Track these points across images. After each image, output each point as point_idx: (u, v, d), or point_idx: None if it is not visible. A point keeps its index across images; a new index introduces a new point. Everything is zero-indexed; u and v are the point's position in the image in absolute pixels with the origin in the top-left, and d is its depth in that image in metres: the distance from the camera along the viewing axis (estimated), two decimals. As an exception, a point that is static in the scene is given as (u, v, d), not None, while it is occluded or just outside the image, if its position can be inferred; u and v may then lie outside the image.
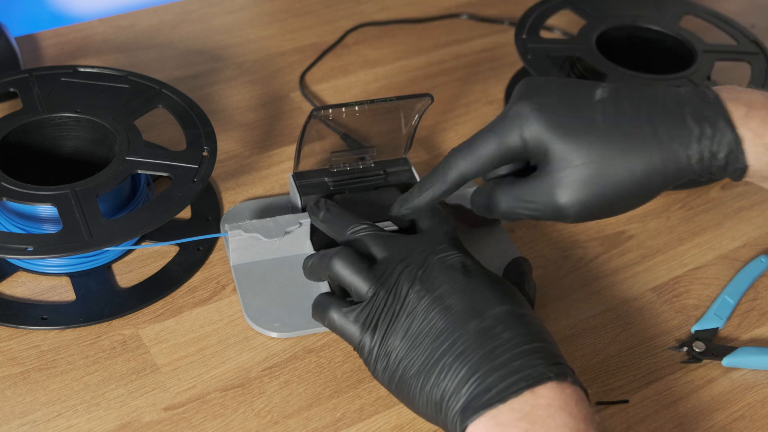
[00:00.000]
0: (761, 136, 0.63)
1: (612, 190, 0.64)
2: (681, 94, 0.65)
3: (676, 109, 0.64)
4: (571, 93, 0.66)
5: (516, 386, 0.58)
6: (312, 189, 0.78)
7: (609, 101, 0.65)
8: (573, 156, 0.64)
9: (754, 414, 0.71)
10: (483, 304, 0.63)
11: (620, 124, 0.64)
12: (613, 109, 0.64)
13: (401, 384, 0.63)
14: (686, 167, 0.64)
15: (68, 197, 0.71)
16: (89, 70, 0.84)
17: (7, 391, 0.67)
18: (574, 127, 0.64)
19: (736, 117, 0.63)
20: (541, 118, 0.64)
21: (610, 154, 0.63)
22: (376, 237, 0.69)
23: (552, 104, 0.65)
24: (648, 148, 0.63)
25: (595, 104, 0.65)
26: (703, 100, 0.64)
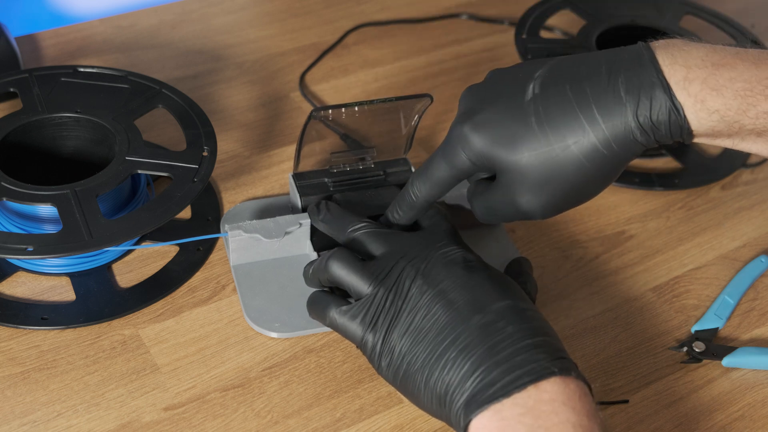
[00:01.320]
0: (703, 101, 0.60)
1: (567, 185, 0.64)
2: (615, 62, 0.62)
3: (609, 83, 0.62)
4: (505, 98, 0.65)
5: (520, 381, 0.58)
6: (312, 189, 0.78)
7: (540, 98, 0.63)
8: (519, 165, 0.64)
9: (754, 414, 0.71)
10: (485, 299, 0.63)
11: (553, 120, 0.63)
12: (544, 106, 0.63)
13: (405, 379, 0.63)
14: (631, 142, 0.62)
15: (68, 197, 0.71)
16: (89, 70, 0.84)
17: (7, 391, 0.67)
18: (512, 138, 0.64)
19: (674, 82, 0.61)
20: (480, 138, 0.65)
21: (552, 153, 0.63)
22: (377, 234, 0.69)
23: (488, 119, 0.65)
24: (586, 136, 0.62)
25: (527, 105, 0.64)
26: (638, 64, 0.61)
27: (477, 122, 0.65)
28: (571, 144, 0.62)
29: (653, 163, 0.91)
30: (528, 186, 0.64)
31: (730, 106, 0.60)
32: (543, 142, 0.63)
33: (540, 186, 0.64)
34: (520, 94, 0.64)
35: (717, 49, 0.61)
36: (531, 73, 0.65)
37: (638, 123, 0.61)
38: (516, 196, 0.65)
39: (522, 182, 0.64)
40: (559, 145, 0.63)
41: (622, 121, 0.62)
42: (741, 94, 0.60)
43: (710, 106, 0.60)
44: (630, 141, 0.62)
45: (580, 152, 0.63)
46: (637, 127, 0.62)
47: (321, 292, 0.69)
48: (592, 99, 0.62)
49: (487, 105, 0.65)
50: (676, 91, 0.61)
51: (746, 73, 0.60)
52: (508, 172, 0.65)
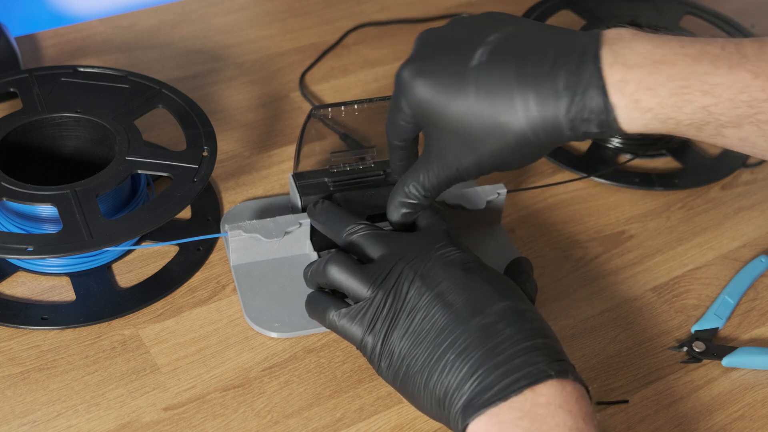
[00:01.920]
0: (637, 101, 0.61)
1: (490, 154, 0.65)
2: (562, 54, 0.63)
3: (551, 74, 0.62)
4: (452, 56, 0.65)
5: (517, 384, 0.58)
6: (312, 189, 0.78)
7: (484, 68, 0.64)
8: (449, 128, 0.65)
9: (754, 414, 0.71)
10: (484, 301, 0.63)
11: (491, 95, 0.63)
12: (486, 79, 0.63)
13: (405, 381, 0.63)
14: (558, 134, 0.63)
15: (68, 197, 0.71)
16: (89, 70, 0.84)
17: (7, 391, 0.67)
18: (447, 100, 0.64)
19: (611, 83, 0.61)
20: (419, 88, 0.65)
21: (484, 128, 0.64)
22: (375, 236, 0.69)
23: (431, 71, 0.65)
24: (517, 121, 0.63)
25: (470, 71, 0.64)
26: (582, 60, 0.62)
27: (418, 70, 0.66)
28: (501, 122, 0.63)
29: (653, 163, 0.91)
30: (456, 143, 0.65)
31: (665, 104, 0.60)
32: (477, 113, 0.64)
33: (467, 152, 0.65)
34: (467, 55, 0.65)
35: (663, 44, 0.61)
36: (485, 35, 0.65)
37: (569, 119, 0.62)
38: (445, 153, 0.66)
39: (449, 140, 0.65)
40: (490, 119, 0.63)
41: (554, 114, 0.62)
42: (677, 91, 0.60)
43: (644, 105, 0.61)
44: (558, 133, 0.63)
45: (509, 132, 0.63)
46: (567, 123, 0.62)
47: (320, 293, 0.69)
48: (531, 86, 0.62)
49: (435, 56, 0.66)
50: (612, 92, 0.61)
51: (685, 69, 0.60)
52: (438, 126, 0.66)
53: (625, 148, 0.91)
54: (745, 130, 0.61)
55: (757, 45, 0.60)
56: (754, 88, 0.59)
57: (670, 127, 0.62)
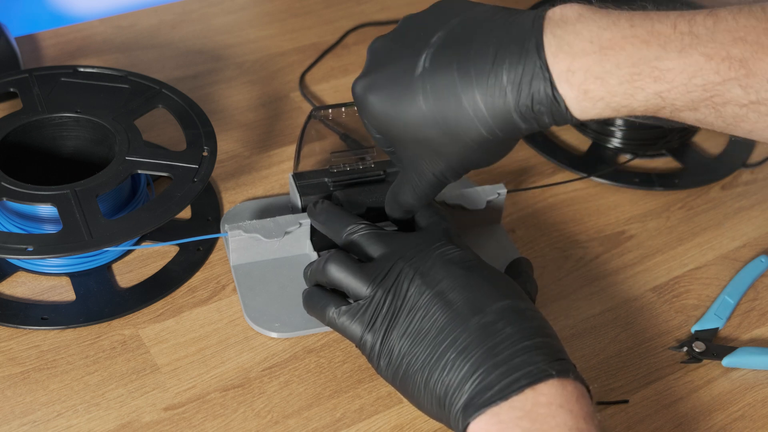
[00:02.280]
0: (586, 92, 0.58)
1: (460, 160, 0.64)
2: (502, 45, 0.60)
3: (493, 69, 0.60)
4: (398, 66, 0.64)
5: (517, 384, 0.58)
6: (312, 189, 0.78)
7: (428, 75, 0.62)
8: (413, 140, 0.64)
9: (754, 414, 0.71)
10: (484, 299, 0.63)
11: (439, 102, 0.62)
12: (431, 86, 0.62)
13: (405, 380, 0.63)
14: (514, 128, 0.61)
15: (68, 197, 0.71)
16: (89, 70, 0.84)
17: (7, 391, 0.67)
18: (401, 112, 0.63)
19: (557, 74, 0.58)
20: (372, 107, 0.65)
21: (442, 134, 0.63)
22: (375, 236, 0.69)
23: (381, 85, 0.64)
24: (471, 122, 0.61)
25: (416, 80, 0.63)
26: (524, 51, 0.59)
27: (369, 86, 0.65)
28: (456, 126, 0.62)
29: (653, 163, 0.91)
30: (424, 153, 0.65)
31: (616, 92, 0.58)
32: (431, 121, 0.63)
33: (434, 153, 0.64)
34: (413, 62, 0.63)
35: (610, 25, 0.58)
36: (429, 36, 0.63)
37: (520, 113, 0.60)
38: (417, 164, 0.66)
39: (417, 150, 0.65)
40: (444, 125, 0.62)
41: (505, 110, 0.60)
42: (627, 79, 0.57)
43: (594, 95, 0.58)
44: (513, 127, 0.61)
45: (466, 135, 0.62)
46: (519, 117, 0.60)
47: (319, 289, 0.69)
48: (476, 84, 0.61)
49: (384, 68, 0.65)
50: (558, 83, 0.58)
51: (635, 55, 0.57)
52: (401, 139, 0.65)
53: (625, 148, 0.91)
54: (701, 112, 0.58)
55: (710, 21, 0.57)
56: (707, 71, 0.56)
57: (624, 114, 0.59)
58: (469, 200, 0.79)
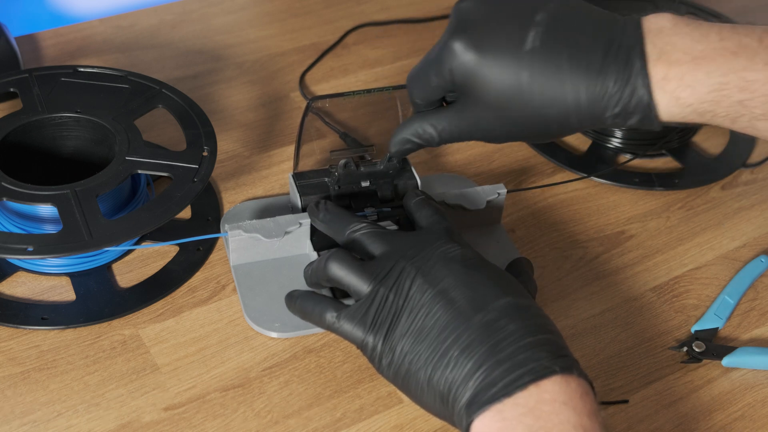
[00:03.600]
0: (677, 98, 0.64)
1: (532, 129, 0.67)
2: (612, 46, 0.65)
3: (601, 70, 0.65)
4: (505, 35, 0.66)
5: (521, 380, 0.58)
6: (312, 189, 0.78)
7: (538, 54, 0.65)
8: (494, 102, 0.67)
9: (754, 414, 0.71)
10: (487, 297, 0.63)
11: (544, 84, 0.65)
12: (540, 66, 0.65)
13: (407, 378, 0.63)
14: (600, 124, 0.66)
15: (68, 197, 0.71)
16: (89, 70, 0.84)
17: (7, 391, 0.67)
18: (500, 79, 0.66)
19: (655, 81, 0.64)
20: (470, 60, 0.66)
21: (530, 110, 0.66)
22: (376, 234, 0.69)
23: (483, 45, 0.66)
24: (566, 110, 0.65)
25: (524, 55, 0.65)
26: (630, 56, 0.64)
27: (473, 45, 0.67)
28: (550, 109, 0.66)
29: (653, 163, 0.91)
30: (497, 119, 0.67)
31: (704, 99, 0.63)
32: (527, 99, 0.66)
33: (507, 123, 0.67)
34: (520, 36, 0.66)
35: (702, 38, 0.64)
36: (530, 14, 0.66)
37: (614, 113, 0.65)
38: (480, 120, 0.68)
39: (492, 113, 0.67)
40: (540, 107, 0.66)
41: (603, 106, 0.65)
42: (716, 88, 0.63)
43: (684, 102, 0.64)
44: (599, 123, 0.66)
45: (555, 117, 0.66)
46: (612, 116, 0.65)
47: (309, 296, 0.68)
48: (584, 77, 0.65)
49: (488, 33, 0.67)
50: (655, 90, 0.64)
51: (724, 66, 0.63)
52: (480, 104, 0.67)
53: (625, 148, 0.91)
54: None
55: None
56: None
57: (706, 119, 0.64)
58: (469, 200, 0.79)
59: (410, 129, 0.72)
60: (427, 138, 0.71)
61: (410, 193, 0.75)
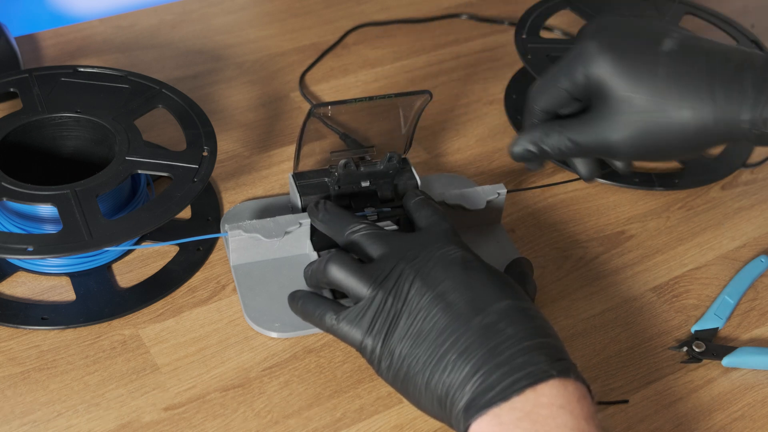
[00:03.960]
0: None
1: (663, 139, 0.68)
2: (746, 59, 0.66)
3: (737, 73, 0.66)
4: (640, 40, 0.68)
5: (518, 384, 0.58)
6: (312, 189, 0.78)
7: (675, 54, 0.67)
8: (630, 101, 0.67)
9: (754, 414, 0.71)
10: (485, 300, 0.63)
11: (680, 79, 0.66)
12: (676, 63, 0.66)
13: (406, 382, 0.63)
14: (737, 130, 0.66)
15: (68, 197, 0.71)
16: (89, 70, 0.84)
17: (7, 391, 0.67)
18: (637, 75, 0.67)
19: None
20: (606, 60, 0.68)
21: (666, 106, 0.67)
22: (376, 236, 0.69)
23: (619, 47, 0.68)
24: (702, 107, 0.66)
25: (660, 55, 0.67)
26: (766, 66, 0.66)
27: (609, 45, 0.68)
28: (687, 108, 0.66)
29: (653, 163, 0.91)
30: (628, 122, 0.68)
31: None
32: (664, 92, 0.66)
33: (639, 129, 0.68)
34: (656, 41, 0.67)
35: None
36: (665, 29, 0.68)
37: (751, 116, 0.66)
38: (612, 127, 0.69)
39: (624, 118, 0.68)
40: (676, 102, 0.66)
41: (738, 109, 0.66)
42: None
43: None
44: (736, 129, 0.67)
45: (692, 118, 0.66)
46: (749, 120, 0.66)
47: (311, 297, 0.68)
48: (719, 81, 0.66)
49: (624, 37, 0.68)
50: None
51: None
52: (614, 104, 0.68)
53: (625, 148, 0.91)
54: None
55: None
56: None
57: None
58: (469, 200, 0.79)
59: (532, 136, 0.73)
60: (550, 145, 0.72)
61: (410, 193, 0.75)
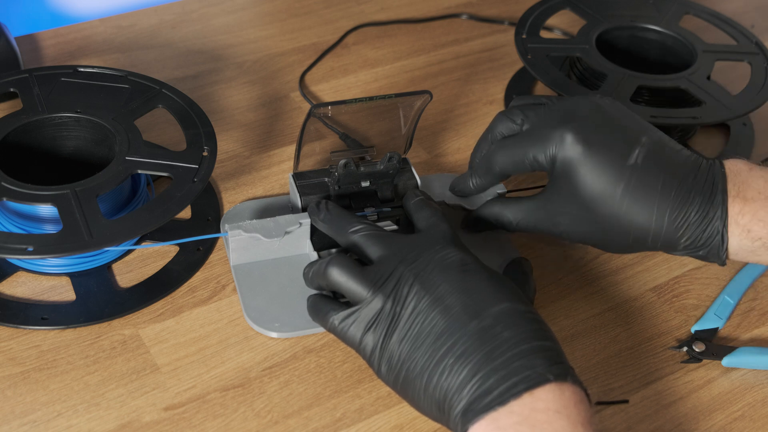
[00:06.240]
0: (749, 231, 0.69)
1: (605, 238, 0.72)
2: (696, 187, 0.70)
3: (686, 202, 0.69)
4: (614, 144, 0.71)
5: (515, 388, 0.58)
6: (312, 189, 0.78)
7: (638, 172, 0.70)
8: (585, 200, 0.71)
9: (754, 414, 0.71)
10: (482, 303, 0.63)
11: (636, 200, 0.70)
12: (636, 183, 0.70)
13: (405, 385, 0.63)
14: (673, 248, 0.71)
15: (68, 197, 0.71)
16: (89, 70, 0.84)
17: (7, 391, 0.67)
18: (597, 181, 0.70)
19: (731, 215, 0.69)
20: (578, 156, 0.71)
21: (616, 216, 0.70)
22: (376, 237, 0.69)
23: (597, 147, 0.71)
24: (648, 228, 0.70)
25: (626, 168, 0.70)
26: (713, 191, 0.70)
27: (586, 139, 0.71)
28: (633, 223, 0.70)
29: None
30: (575, 218, 0.72)
31: None
32: (617, 204, 0.70)
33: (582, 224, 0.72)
34: (625, 150, 0.71)
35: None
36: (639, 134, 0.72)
37: (688, 242, 0.70)
38: (558, 214, 0.72)
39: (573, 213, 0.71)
40: (626, 214, 0.70)
41: (678, 234, 0.70)
42: None
43: (755, 234, 0.69)
44: (671, 246, 0.71)
45: (633, 236, 0.71)
46: (684, 244, 0.70)
47: (320, 297, 0.69)
48: (671, 202, 0.70)
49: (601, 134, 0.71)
50: (730, 223, 0.69)
51: None
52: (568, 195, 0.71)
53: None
54: None
55: None
56: None
57: None
58: (468, 200, 0.79)
59: (491, 211, 0.76)
60: (504, 223, 0.76)
61: (410, 194, 0.75)
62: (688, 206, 0.69)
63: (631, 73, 0.89)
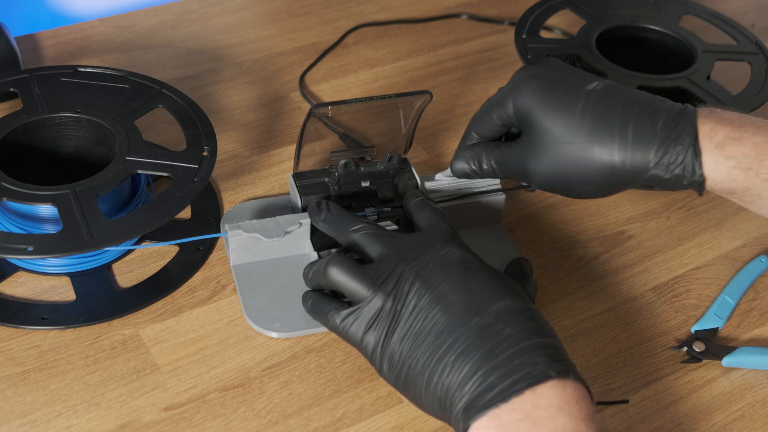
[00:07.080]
0: (722, 147, 0.67)
1: (573, 172, 0.70)
2: (662, 106, 0.69)
3: (651, 116, 0.68)
4: (567, 78, 0.72)
5: (517, 385, 0.58)
6: (312, 189, 0.78)
7: (597, 94, 0.70)
8: (548, 132, 0.70)
9: (754, 414, 0.71)
10: (483, 301, 0.63)
11: (596, 117, 0.69)
12: (595, 102, 0.69)
13: (407, 382, 0.63)
14: (644, 169, 0.68)
15: (68, 197, 0.71)
16: (89, 70, 0.84)
17: (7, 391, 0.67)
18: (556, 108, 0.70)
19: (702, 132, 0.68)
20: (532, 91, 0.71)
21: (579, 140, 0.69)
22: (376, 236, 0.69)
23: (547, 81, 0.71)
24: (612, 145, 0.69)
25: (582, 93, 0.70)
26: (680, 114, 0.69)
27: (535, 74, 0.72)
28: (596, 146, 0.69)
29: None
30: (542, 154, 0.70)
31: (748, 154, 0.67)
32: (577, 127, 0.69)
33: (551, 160, 0.70)
34: (582, 81, 0.71)
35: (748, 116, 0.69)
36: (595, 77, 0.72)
37: (658, 157, 0.68)
38: (529, 157, 0.71)
39: (540, 150, 0.70)
40: (587, 138, 0.69)
41: (646, 149, 0.68)
42: (761, 145, 0.67)
43: (729, 152, 0.67)
44: (642, 168, 0.69)
45: (600, 153, 0.69)
46: (655, 159, 0.68)
47: (321, 296, 0.69)
48: (635, 116, 0.69)
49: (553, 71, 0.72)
50: (702, 139, 0.67)
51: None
52: (535, 134, 0.71)
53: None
54: None
55: None
56: None
57: (750, 179, 0.67)
58: (469, 200, 0.79)
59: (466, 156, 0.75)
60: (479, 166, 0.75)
61: (410, 194, 0.75)
62: (653, 120, 0.69)
63: (631, 73, 0.89)
